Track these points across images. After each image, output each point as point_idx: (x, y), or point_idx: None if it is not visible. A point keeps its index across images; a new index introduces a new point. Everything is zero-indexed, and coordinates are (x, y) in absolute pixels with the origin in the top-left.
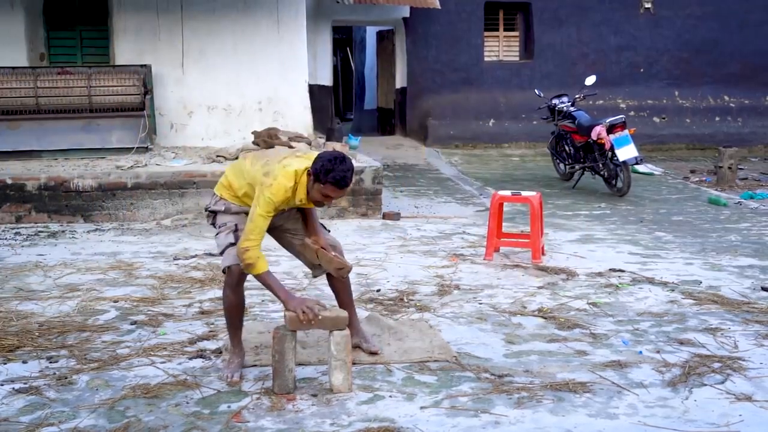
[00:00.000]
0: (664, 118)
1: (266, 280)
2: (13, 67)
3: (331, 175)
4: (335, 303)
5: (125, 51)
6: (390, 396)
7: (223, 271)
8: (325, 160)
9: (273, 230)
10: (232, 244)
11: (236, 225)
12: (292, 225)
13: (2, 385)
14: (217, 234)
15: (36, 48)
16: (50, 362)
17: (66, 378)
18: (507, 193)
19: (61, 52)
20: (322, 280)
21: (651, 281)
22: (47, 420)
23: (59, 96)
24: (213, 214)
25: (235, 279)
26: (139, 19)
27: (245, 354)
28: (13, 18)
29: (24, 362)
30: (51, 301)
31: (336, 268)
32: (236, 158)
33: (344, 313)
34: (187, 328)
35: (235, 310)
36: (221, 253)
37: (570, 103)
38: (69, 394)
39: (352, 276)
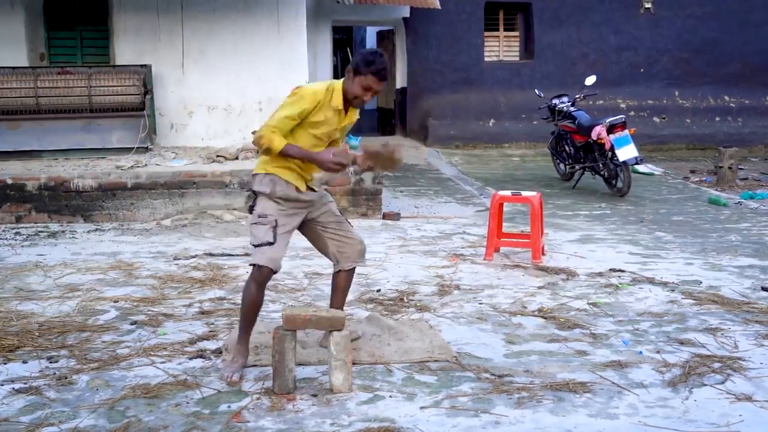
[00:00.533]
0: (664, 118)
1: (290, 152)
2: (14, 67)
3: (373, 66)
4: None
5: (125, 51)
6: (390, 396)
7: (252, 265)
8: (366, 53)
9: (303, 225)
10: (270, 244)
11: (277, 221)
12: (324, 219)
13: (2, 385)
14: (254, 223)
15: (36, 48)
16: (50, 362)
17: (66, 378)
18: (507, 193)
19: (62, 52)
20: (322, 280)
21: (651, 281)
22: (47, 420)
23: (59, 96)
24: (255, 196)
25: (263, 278)
26: (139, 19)
27: (248, 355)
28: (13, 18)
29: (24, 362)
30: (51, 301)
31: (389, 152)
32: (236, 158)
33: (341, 314)
34: (187, 328)
35: (253, 307)
36: (256, 246)
37: (570, 103)
38: (69, 394)
39: None
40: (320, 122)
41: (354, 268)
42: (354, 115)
